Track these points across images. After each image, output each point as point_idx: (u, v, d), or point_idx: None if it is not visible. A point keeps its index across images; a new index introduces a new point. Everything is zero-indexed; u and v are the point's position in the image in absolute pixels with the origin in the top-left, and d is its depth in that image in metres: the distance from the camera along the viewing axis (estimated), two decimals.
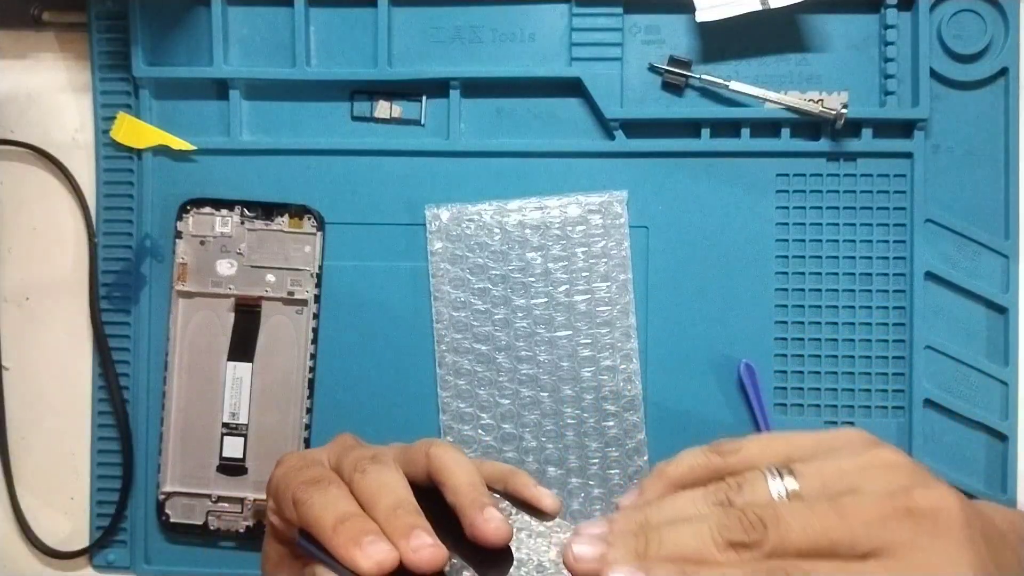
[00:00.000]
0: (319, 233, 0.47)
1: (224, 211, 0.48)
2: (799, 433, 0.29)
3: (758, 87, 0.46)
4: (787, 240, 0.47)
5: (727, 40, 0.46)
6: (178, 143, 0.48)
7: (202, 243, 0.48)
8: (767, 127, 0.46)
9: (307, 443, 0.47)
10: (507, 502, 0.31)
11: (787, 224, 0.47)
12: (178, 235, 0.48)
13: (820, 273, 0.46)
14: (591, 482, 0.46)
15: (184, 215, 0.48)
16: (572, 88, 0.47)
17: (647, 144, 0.47)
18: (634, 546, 0.27)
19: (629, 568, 0.26)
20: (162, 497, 0.48)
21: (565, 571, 0.26)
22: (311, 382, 0.47)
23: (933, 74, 0.46)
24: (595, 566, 0.26)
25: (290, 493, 0.31)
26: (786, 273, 0.47)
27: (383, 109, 0.48)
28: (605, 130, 0.47)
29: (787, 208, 0.47)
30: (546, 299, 0.46)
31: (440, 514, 0.29)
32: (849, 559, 0.25)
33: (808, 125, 0.46)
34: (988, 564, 0.25)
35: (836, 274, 0.46)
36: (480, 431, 0.47)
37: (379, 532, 0.29)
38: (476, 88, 0.47)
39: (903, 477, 0.26)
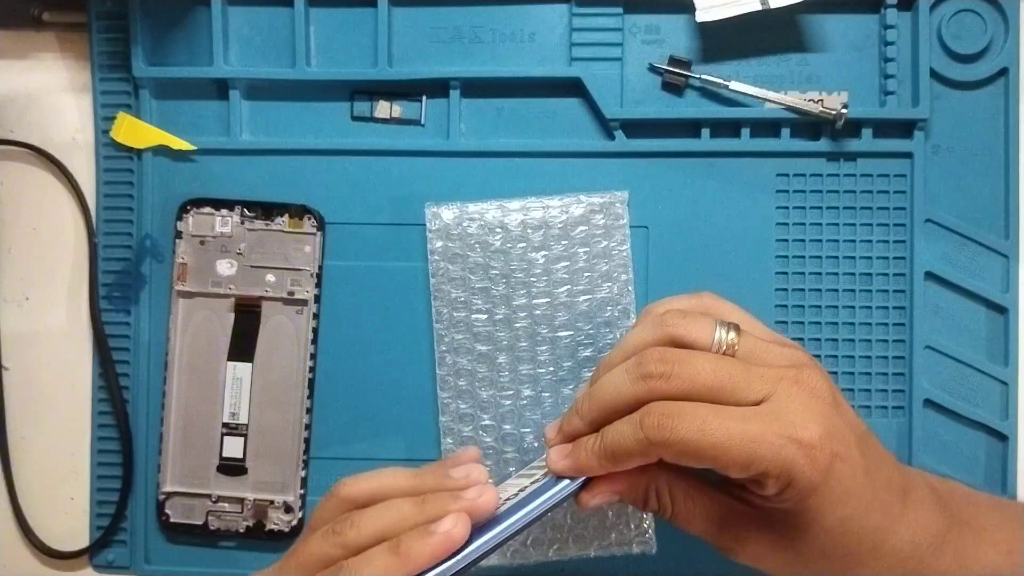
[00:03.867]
0: (319, 233, 0.47)
1: (224, 211, 0.48)
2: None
3: (758, 87, 0.46)
4: (787, 240, 0.47)
5: (727, 40, 0.46)
6: (178, 143, 0.48)
7: (202, 243, 0.48)
8: (767, 127, 0.47)
9: (307, 443, 0.47)
10: None
11: (787, 224, 0.47)
12: (178, 235, 0.48)
13: (820, 273, 0.46)
14: None
15: (184, 215, 0.48)
16: (572, 88, 0.47)
17: (647, 144, 0.47)
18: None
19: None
20: (162, 497, 0.48)
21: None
22: (311, 382, 0.47)
23: (933, 74, 0.46)
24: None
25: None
26: (786, 273, 0.47)
27: (383, 109, 0.48)
28: (605, 130, 0.47)
29: (787, 208, 0.47)
30: (548, 299, 0.46)
31: None
32: (742, 403, 0.33)
33: (808, 125, 0.46)
34: (835, 426, 0.33)
35: (836, 274, 0.46)
36: (481, 432, 0.47)
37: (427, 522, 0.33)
38: (476, 88, 0.47)
39: (810, 372, 0.34)
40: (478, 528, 0.33)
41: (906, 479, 0.36)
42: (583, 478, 0.36)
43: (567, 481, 0.36)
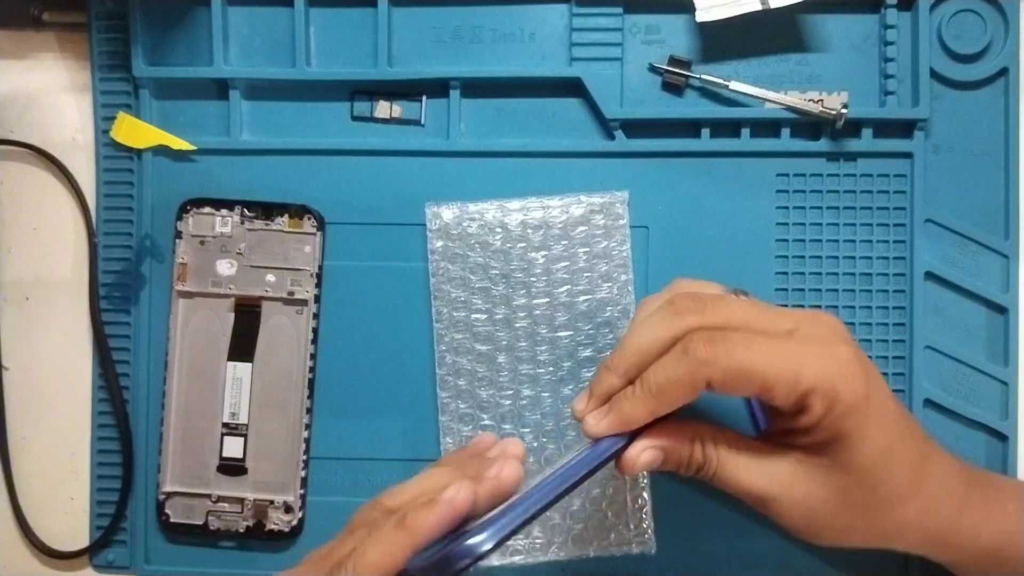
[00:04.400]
0: (319, 233, 0.47)
1: (224, 211, 0.48)
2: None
3: (758, 87, 0.46)
4: (787, 240, 0.47)
5: (727, 40, 0.46)
6: (178, 143, 0.48)
7: (202, 243, 0.48)
8: (767, 127, 0.47)
9: (307, 443, 0.47)
10: None
11: (787, 224, 0.47)
12: (178, 235, 0.48)
13: (820, 273, 0.46)
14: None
15: (184, 215, 0.48)
16: (572, 88, 0.47)
17: (647, 144, 0.47)
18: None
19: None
20: (162, 497, 0.48)
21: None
22: (311, 382, 0.47)
23: (933, 74, 0.46)
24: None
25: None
26: (786, 273, 0.47)
27: (383, 109, 0.48)
28: (605, 130, 0.47)
29: (787, 208, 0.47)
30: (547, 299, 0.46)
31: None
32: (773, 334, 0.34)
33: (808, 125, 0.46)
34: (860, 353, 0.34)
35: (836, 274, 0.46)
36: (480, 431, 0.47)
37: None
38: (476, 88, 0.47)
39: (823, 315, 0.36)
40: (515, 500, 0.33)
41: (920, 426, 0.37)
42: (624, 439, 0.35)
43: (608, 442, 0.34)
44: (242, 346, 0.48)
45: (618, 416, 0.34)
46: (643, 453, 0.34)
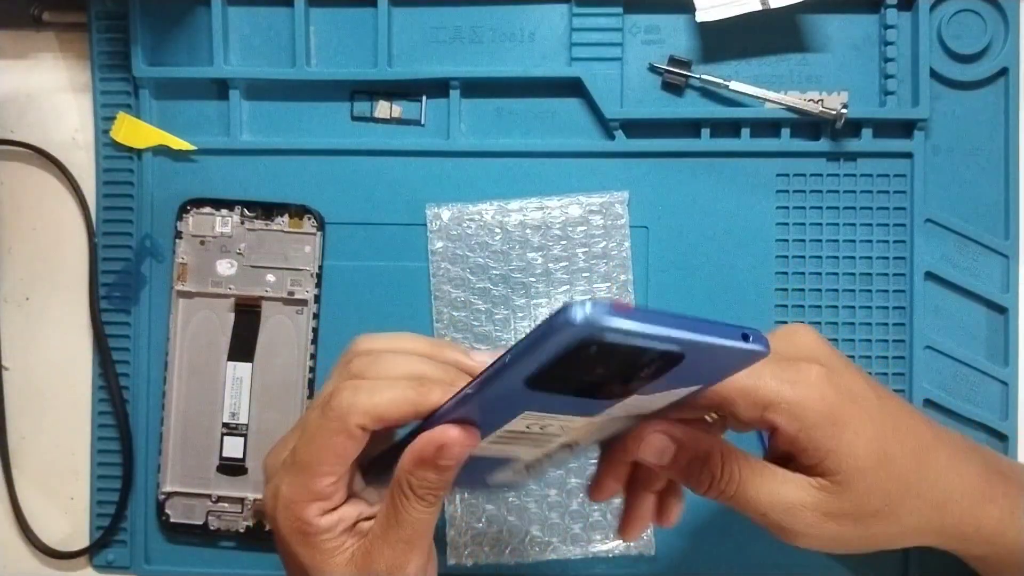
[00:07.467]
0: (319, 233, 0.47)
1: (224, 211, 0.48)
2: None
3: (758, 87, 0.46)
4: (787, 240, 0.47)
5: (727, 40, 0.46)
6: (178, 143, 0.48)
7: (202, 243, 0.48)
8: (767, 127, 0.47)
9: None
10: None
11: (787, 224, 0.47)
12: (178, 235, 0.48)
13: (820, 273, 0.46)
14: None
15: (184, 215, 0.48)
16: (572, 88, 0.47)
17: (647, 144, 0.47)
18: None
19: None
20: (162, 497, 0.48)
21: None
22: (311, 382, 0.47)
23: (933, 74, 0.46)
24: None
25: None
26: (786, 273, 0.47)
27: (383, 109, 0.48)
28: (605, 130, 0.47)
29: (787, 208, 0.47)
30: (547, 300, 0.46)
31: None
32: None
33: (808, 125, 0.46)
34: (828, 368, 0.33)
35: (836, 274, 0.46)
36: None
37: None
38: (476, 88, 0.47)
39: None
40: None
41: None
42: None
43: None
44: (242, 346, 0.48)
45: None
46: (652, 435, 0.32)
